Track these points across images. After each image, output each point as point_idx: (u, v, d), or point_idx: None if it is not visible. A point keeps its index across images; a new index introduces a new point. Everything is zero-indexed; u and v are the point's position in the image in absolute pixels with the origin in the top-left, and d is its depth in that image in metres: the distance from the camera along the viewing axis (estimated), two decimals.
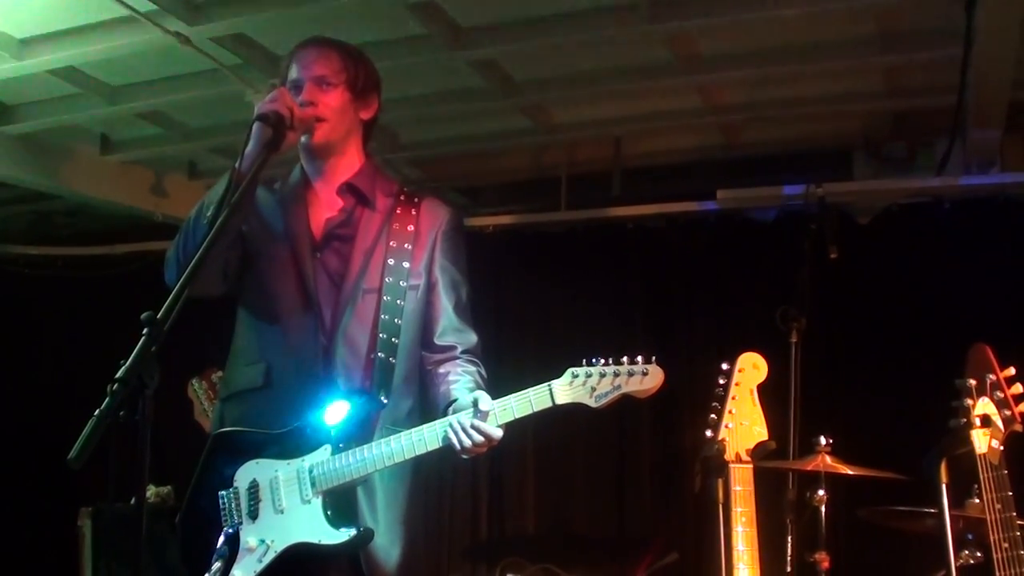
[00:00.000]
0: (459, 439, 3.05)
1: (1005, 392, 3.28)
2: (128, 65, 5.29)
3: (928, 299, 5.70)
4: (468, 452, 3.08)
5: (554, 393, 3.03)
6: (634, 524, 6.36)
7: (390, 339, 3.30)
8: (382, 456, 3.11)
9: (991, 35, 4.34)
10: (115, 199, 6.90)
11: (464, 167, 7.05)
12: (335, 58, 3.39)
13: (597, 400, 3.01)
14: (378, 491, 3.26)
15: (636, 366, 3.01)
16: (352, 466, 3.12)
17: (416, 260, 3.41)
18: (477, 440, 3.04)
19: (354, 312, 3.31)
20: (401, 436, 3.12)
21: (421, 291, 3.42)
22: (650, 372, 3.00)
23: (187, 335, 2.86)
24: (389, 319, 3.31)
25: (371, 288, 3.34)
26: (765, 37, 5.00)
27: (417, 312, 3.41)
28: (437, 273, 3.45)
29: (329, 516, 3.13)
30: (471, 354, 3.45)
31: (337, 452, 3.14)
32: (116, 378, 2.23)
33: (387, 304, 3.32)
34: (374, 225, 3.41)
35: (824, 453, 4.45)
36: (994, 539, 3.20)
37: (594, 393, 3.02)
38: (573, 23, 4.80)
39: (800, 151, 6.36)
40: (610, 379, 3.01)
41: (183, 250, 3.21)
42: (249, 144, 3.09)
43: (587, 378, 3.03)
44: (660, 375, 3.01)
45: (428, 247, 3.45)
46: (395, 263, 3.36)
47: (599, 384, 3.02)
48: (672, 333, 6.39)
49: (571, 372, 3.05)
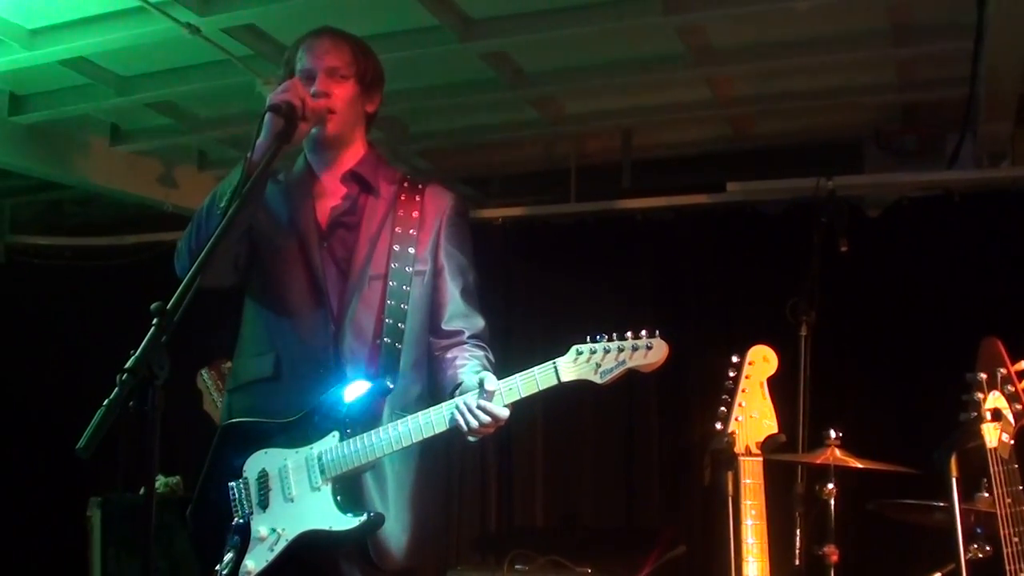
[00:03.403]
0: (466, 420, 3.05)
1: (1016, 386, 3.28)
2: (138, 55, 5.29)
3: (939, 292, 5.70)
4: (475, 433, 3.07)
5: (559, 370, 3.02)
6: (643, 517, 6.37)
7: (396, 324, 3.30)
8: (390, 440, 3.10)
9: (1002, 28, 4.33)
10: (125, 189, 6.90)
11: (474, 159, 7.05)
12: (347, 50, 3.39)
13: (602, 376, 2.99)
14: (388, 476, 3.26)
15: (640, 340, 2.97)
16: (360, 451, 3.12)
17: (421, 246, 3.40)
18: (484, 420, 3.04)
19: (360, 299, 3.31)
20: (408, 419, 3.11)
21: (427, 277, 3.41)
22: (655, 346, 2.97)
23: (197, 325, 2.86)
24: (395, 305, 3.31)
25: (377, 274, 3.33)
26: (776, 29, 5.00)
27: (424, 298, 3.40)
28: (443, 259, 3.44)
29: (339, 502, 3.13)
30: (478, 339, 3.44)
31: (345, 438, 3.14)
32: (126, 368, 2.23)
33: (393, 290, 3.31)
34: (379, 212, 3.41)
35: (834, 446, 4.44)
36: (1004, 533, 3.20)
37: (599, 369, 2.99)
38: (583, 15, 4.79)
39: (810, 144, 6.35)
40: (614, 354, 2.98)
41: (194, 241, 3.21)
42: (261, 135, 3.09)
43: (591, 354, 3.00)
44: (665, 348, 2.97)
45: (433, 233, 3.44)
46: (400, 249, 3.36)
47: (603, 360, 2.99)
48: (682, 326, 6.38)
49: (575, 349, 3.03)
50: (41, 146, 6.32)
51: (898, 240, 5.92)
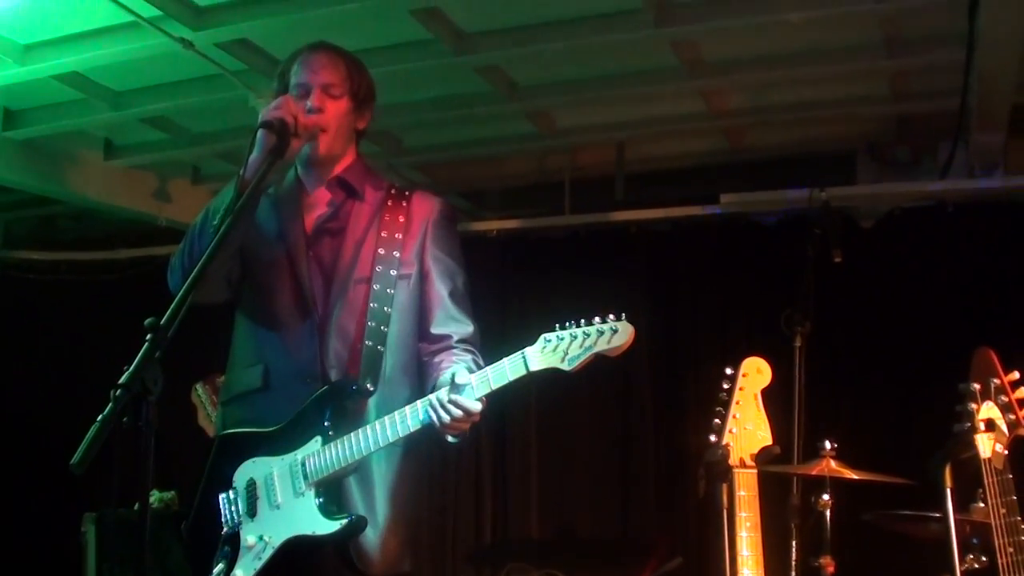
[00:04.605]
0: (438, 415, 3.06)
1: (1009, 396, 3.28)
2: (132, 70, 5.29)
3: (932, 303, 5.71)
4: (450, 429, 3.09)
5: (528, 360, 3.04)
6: (638, 528, 6.36)
7: (379, 328, 3.30)
8: (368, 442, 3.12)
9: (993, 39, 4.34)
10: (119, 204, 6.90)
11: (468, 172, 7.05)
12: (342, 67, 3.41)
13: (569, 363, 2.99)
14: (374, 479, 3.27)
15: (605, 325, 2.98)
16: (341, 455, 3.13)
17: (407, 249, 3.40)
18: (455, 414, 3.04)
19: (345, 302, 3.32)
20: (385, 419, 3.12)
21: (413, 281, 3.41)
22: (619, 329, 2.98)
23: (191, 340, 2.86)
24: (378, 308, 3.31)
25: (362, 278, 3.34)
26: (769, 41, 5.01)
27: (410, 302, 3.41)
28: (430, 263, 3.44)
29: (321, 506, 3.15)
30: (467, 343, 3.43)
31: (327, 443, 3.16)
32: (120, 383, 2.23)
33: (377, 293, 3.32)
34: (364, 216, 3.42)
35: (828, 457, 4.44)
36: (999, 543, 3.20)
37: (566, 357, 2.99)
38: (576, 28, 4.81)
39: (804, 155, 6.36)
40: (580, 340, 2.99)
41: (187, 257, 3.22)
42: (254, 151, 3.11)
43: (559, 342, 3.01)
44: (630, 331, 2.97)
45: (419, 236, 3.44)
46: (386, 252, 3.36)
47: (570, 348, 2.99)
48: (676, 337, 6.39)
49: (544, 338, 3.04)
50: (35, 161, 6.32)
51: (892, 251, 5.93)
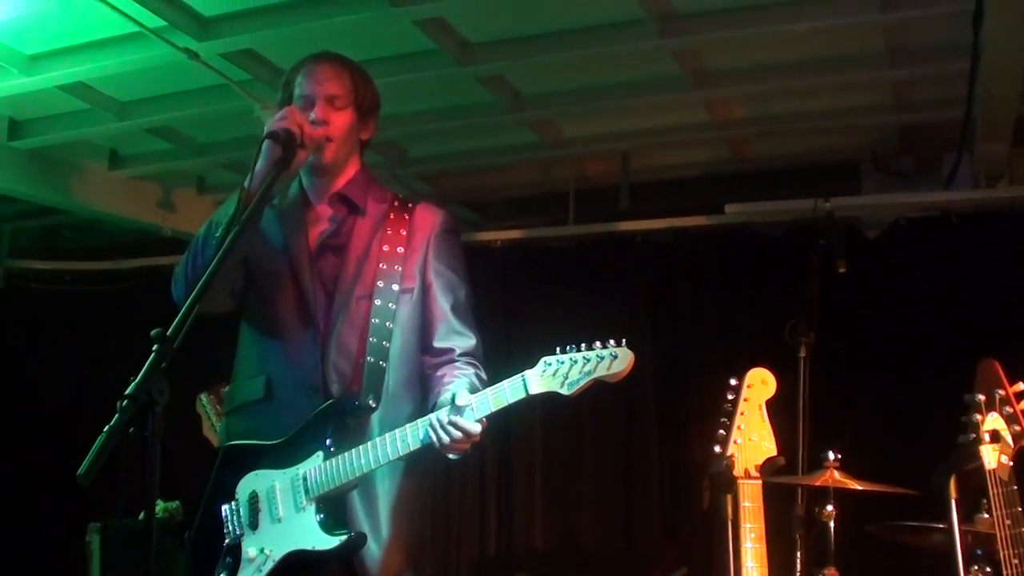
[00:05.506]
0: (438, 436, 3.05)
1: (1014, 407, 3.27)
2: (137, 81, 5.30)
3: (937, 313, 5.70)
4: (449, 449, 3.08)
5: (527, 383, 3.02)
6: (642, 540, 6.35)
7: (380, 343, 3.30)
8: (368, 459, 3.11)
9: (998, 49, 4.34)
10: (124, 214, 6.91)
11: (472, 182, 7.06)
12: (347, 78, 3.40)
13: (569, 388, 2.98)
14: (377, 495, 3.26)
15: (605, 351, 2.96)
16: (342, 471, 3.13)
17: (409, 263, 3.39)
18: (455, 435, 3.04)
19: (346, 318, 3.31)
20: (386, 437, 3.12)
21: (416, 295, 3.40)
22: (619, 355, 2.95)
23: (197, 350, 2.86)
24: (380, 323, 3.30)
25: (363, 294, 3.33)
26: (773, 52, 5.01)
27: (413, 316, 3.40)
28: (431, 276, 3.43)
29: (321, 521, 3.14)
30: (470, 356, 3.42)
31: (329, 458, 3.16)
32: (126, 394, 2.23)
33: (378, 308, 3.31)
34: (366, 231, 3.41)
35: (833, 468, 4.44)
36: (1004, 555, 3.19)
37: (566, 381, 2.98)
38: (581, 39, 4.81)
39: (808, 165, 6.36)
40: (580, 365, 2.97)
41: (192, 267, 3.22)
42: (259, 162, 3.09)
43: (559, 366, 3.00)
44: (630, 357, 2.95)
45: (421, 250, 3.43)
46: (387, 267, 3.35)
47: (570, 372, 2.98)
48: (680, 348, 6.39)
49: (544, 361, 3.03)
50: (40, 171, 6.33)
51: (896, 261, 5.92)
